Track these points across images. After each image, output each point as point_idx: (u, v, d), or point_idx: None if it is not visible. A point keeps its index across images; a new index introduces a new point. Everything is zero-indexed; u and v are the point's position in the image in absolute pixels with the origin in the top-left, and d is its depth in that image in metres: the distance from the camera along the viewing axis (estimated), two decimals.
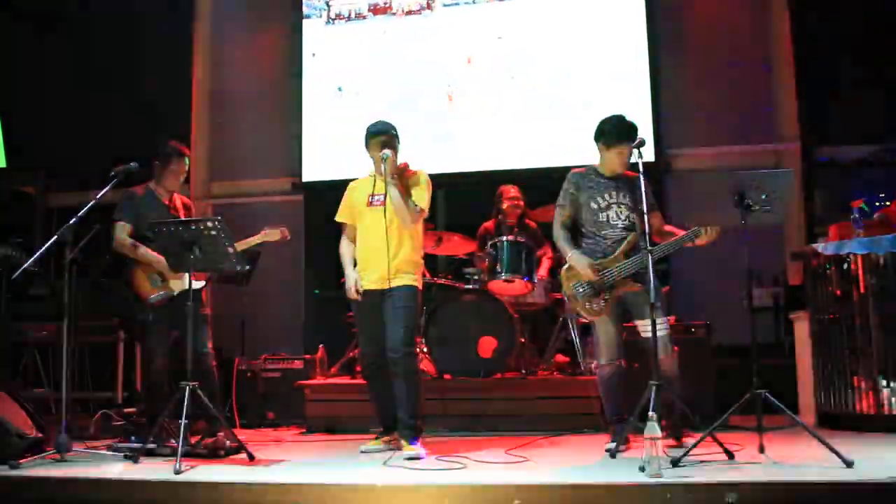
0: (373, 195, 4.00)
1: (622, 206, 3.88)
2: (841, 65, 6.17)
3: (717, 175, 3.58)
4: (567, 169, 4.07)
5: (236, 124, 7.28)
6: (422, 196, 3.98)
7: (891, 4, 6.01)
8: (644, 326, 3.74)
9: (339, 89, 7.01)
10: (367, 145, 4.04)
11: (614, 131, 3.87)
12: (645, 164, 3.71)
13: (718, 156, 6.29)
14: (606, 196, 3.89)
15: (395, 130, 4.04)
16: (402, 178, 4.01)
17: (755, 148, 6.35)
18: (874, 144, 6.13)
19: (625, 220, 3.87)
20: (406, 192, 3.94)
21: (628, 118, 3.92)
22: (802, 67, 6.30)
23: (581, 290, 3.87)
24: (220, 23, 7.49)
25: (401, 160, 4.07)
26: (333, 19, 7.13)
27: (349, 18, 7.11)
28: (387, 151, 3.91)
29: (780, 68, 6.41)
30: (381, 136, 3.98)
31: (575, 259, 3.86)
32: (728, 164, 6.07)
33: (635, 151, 3.69)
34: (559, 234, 3.98)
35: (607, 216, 3.88)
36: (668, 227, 3.95)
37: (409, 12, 6.94)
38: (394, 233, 3.91)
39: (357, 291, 3.99)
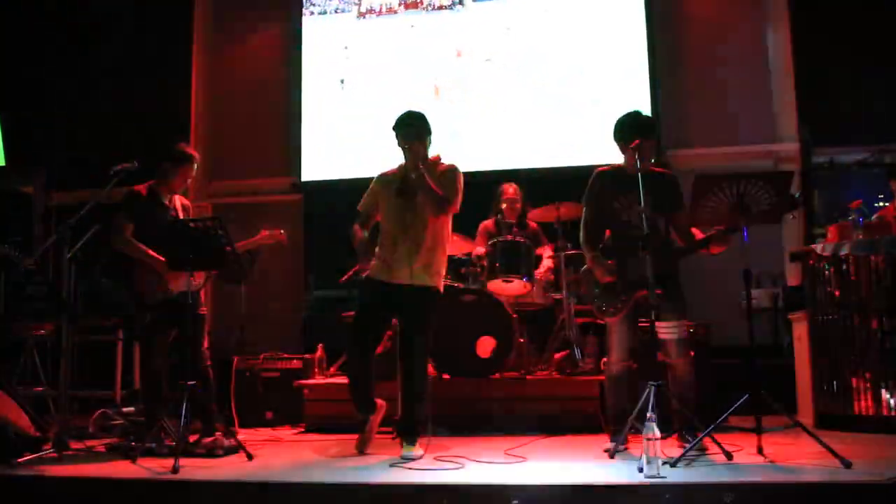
0: (400, 187, 3.93)
1: (645, 206, 3.75)
2: (840, 66, 6.18)
3: (717, 176, 3.56)
4: (567, 169, 4.07)
5: (235, 123, 7.29)
6: (451, 190, 3.87)
7: (890, 6, 6.02)
8: (661, 328, 3.75)
9: (342, 82, 7.00)
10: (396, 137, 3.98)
11: (626, 129, 3.81)
12: None
13: (718, 156, 6.30)
14: (629, 195, 3.76)
15: (422, 121, 3.95)
16: (434, 169, 3.93)
17: (754, 148, 6.36)
18: (873, 145, 6.13)
19: (648, 219, 3.76)
20: (435, 184, 3.84)
21: (644, 114, 3.87)
22: (801, 68, 6.31)
23: (598, 291, 3.84)
24: (220, 21, 7.50)
25: (433, 153, 4.01)
26: (365, 14, 7.12)
27: (380, 13, 7.10)
28: (407, 143, 3.86)
29: (779, 69, 6.42)
30: (404, 128, 3.91)
31: (593, 261, 3.83)
32: (727, 165, 6.09)
33: (636, 153, 3.68)
34: (582, 234, 3.94)
35: (629, 216, 3.79)
36: (693, 230, 3.87)
37: (441, 7, 6.95)
38: (419, 227, 3.86)
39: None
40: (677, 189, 3.85)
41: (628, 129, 3.80)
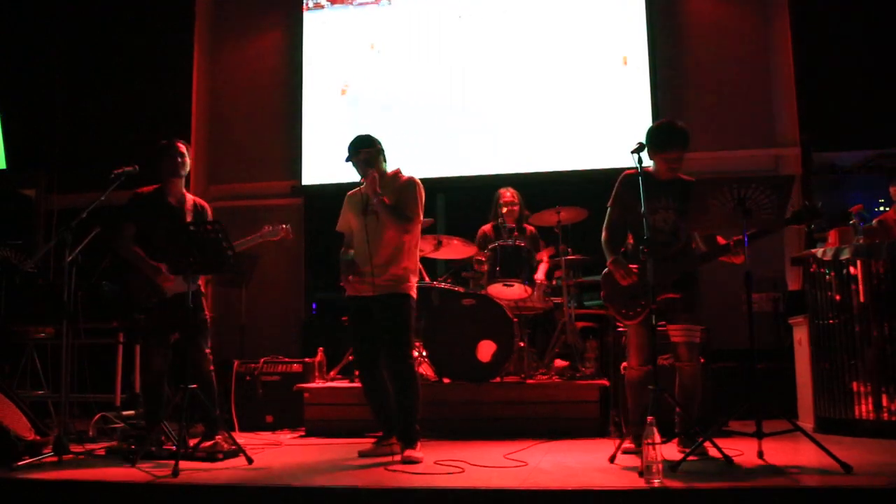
0: (367, 204, 4.00)
1: (669, 211, 3.81)
2: (841, 70, 6.18)
3: (718, 180, 3.56)
4: (567, 173, 4.05)
5: (235, 126, 7.29)
6: (411, 205, 3.96)
7: (891, 10, 6.03)
8: (675, 331, 3.75)
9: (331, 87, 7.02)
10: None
11: (659, 138, 3.84)
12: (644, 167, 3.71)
13: (718, 160, 6.30)
14: (654, 200, 3.78)
15: (369, 146, 4.01)
16: (394, 184, 4.02)
17: (755, 152, 6.37)
18: (873, 149, 6.14)
19: (671, 224, 3.81)
20: (395, 202, 3.93)
21: (667, 127, 3.90)
22: (802, 72, 6.31)
23: (618, 294, 3.83)
24: (220, 24, 7.51)
25: (392, 166, 4.09)
26: (364, 3, 7.15)
27: (310, 8, 7.18)
28: (363, 172, 3.96)
29: (779, 73, 6.43)
30: (354, 160, 4.00)
31: (613, 264, 3.82)
32: (728, 169, 6.09)
33: (634, 156, 3.69)
34: (604, 236, 3.94)
35: (653, 220, 3.79)
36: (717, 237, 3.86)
37: (363, 3, 7.01)
38: (385, 241, 3.93)
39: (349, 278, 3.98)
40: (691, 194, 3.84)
41: (660, 138, 3.84)
